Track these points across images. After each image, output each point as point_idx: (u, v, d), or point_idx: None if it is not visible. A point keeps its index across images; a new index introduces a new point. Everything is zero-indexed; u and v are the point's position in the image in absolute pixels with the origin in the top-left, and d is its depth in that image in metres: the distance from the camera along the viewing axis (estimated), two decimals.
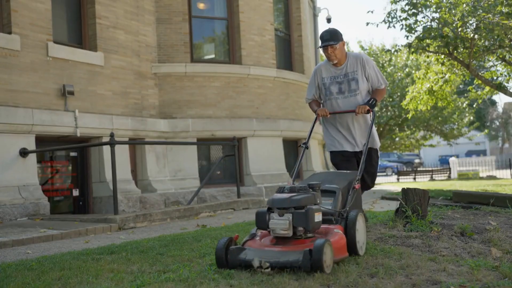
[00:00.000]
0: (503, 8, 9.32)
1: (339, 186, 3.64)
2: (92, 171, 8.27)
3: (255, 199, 8.48)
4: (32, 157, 7.23)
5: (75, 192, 8.19)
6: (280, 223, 3.02)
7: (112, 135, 6.39)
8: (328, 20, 16.20)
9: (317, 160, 11.83)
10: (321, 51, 4.35)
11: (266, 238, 3.20)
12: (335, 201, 3.52)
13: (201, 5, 10.28)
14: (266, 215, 3.12)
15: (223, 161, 9.44)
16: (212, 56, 10.57)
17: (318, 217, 3.08)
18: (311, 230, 3.06)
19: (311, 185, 3.27)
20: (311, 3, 14.44)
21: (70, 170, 8.26)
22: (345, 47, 4.43)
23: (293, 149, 11.41)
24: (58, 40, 7.86)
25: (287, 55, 11.61)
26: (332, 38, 4.27)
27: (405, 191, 4.52)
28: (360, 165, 4.00)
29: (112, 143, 6.31)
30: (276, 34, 11.02)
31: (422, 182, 18.47)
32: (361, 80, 4.36)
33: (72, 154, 8.26)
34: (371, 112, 4.22)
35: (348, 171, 4.07)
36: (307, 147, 4.19)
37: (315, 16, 14.78)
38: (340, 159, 4.54)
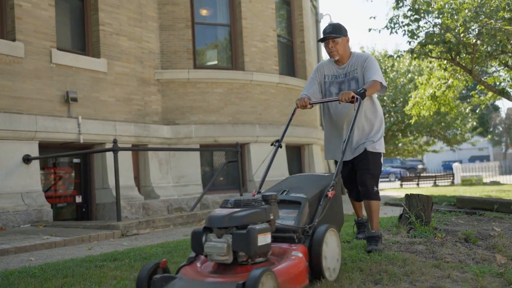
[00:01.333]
0: (505, 13, 9.32)
1: (307, 195, 3.05)
2: (95, 177, 8.27)
3: None
4: (35, 164, 7.24)
5: (78, 199, 8.19)
6: (217, 247, 2.46)
7: (115, 142, 6.39)
8: None
9: (320, 166, 11.82)
10: (323, 46, 3.93)
11: (208, 263, 2.65)
12: (300, 214, 2.94)
13: (204, 12, 10.31)
14: (202, 236, 2.55)
15: (226, 167, 9.44)
16: (215, 62, 10.60)
17: (264, 239, 2.51)
18: (254, 256, 2.50)
19: (265, 197, 2.70)
20: (314, 9, 14.47)
21: (73, 177, 8.26)
22: (349, 44, 4.01)
23: (296, 155, 11.40)
24: (61, 47, 7.89)
25: (290, 61, 11.62)
26: (334, 31, 3.84)
27: (408, 197, 4.51)
28: (337, 166, 3.34)
29: (115, 150, 6.32)
30: (278, 40, 11.04)
31: (425, 188, 18.41)
32: (362, 80, 3.83)
33: (75, 160, 8.27)
34: (357, 102, 3.52)
35: (326, 174, 3.43)
36: (280, 146, 3.71)
37: (317, 22, 14.81)
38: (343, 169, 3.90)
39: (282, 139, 3.73)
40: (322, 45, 4.03)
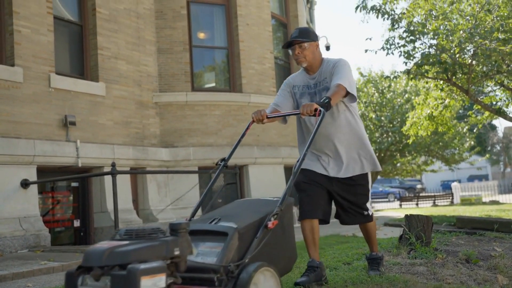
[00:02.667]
0: (500, 34, 9.44)
1: (238, 224, 2.42)
2: (94, 201, 8.24)
3: None
4: (33, 188, 7.21)
5: (76, 223, 8.14)
6: None
7: (113, 165, 6.39)
8: (327, 48, 16.38)
9: None
10: (290, 53, 3.51)
11: None
12: (225, 249, 2.32)
13: (201, 35, 10.42)
14: (76, 279, 1.96)
15: (225, 189, 9.41)
16: (213, 84, 10.67)
17: (152, 282, 1.88)
18: None
19: (173, 226, 2.15)
20: None
21: (71, 201, 8.23)
22: (319, 50, 3.56)
23: None
24: (60, 71, 7.94)
25: None
26: (301, 35, 3.43)
27: (408, 217, 4.50)
28: (284, 190, 2.69)
29: (113, 173, 6.31)
30: (275, 62, 11.14)
31: (425, 208, 18.35)
32: None
33: (73, 184, 8.25)
34: (319, 116, 3.00)
35: (275, 199, 2.81)
36: (225, 166, 3.22)
37: None
38: (306, 179, 3.40)
39: (229, 159, 3.25)
40: None
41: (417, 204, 21.78)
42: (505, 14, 9.49)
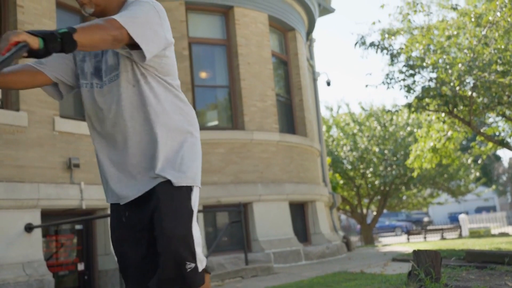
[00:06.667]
0: (498, 66, 9.54)
1: None
2: (98, 243, 8.17)
3: (264, 265, 8.30)
4: (37, 232, 7.17)
5: (80, 266, 8.04)
6: None
7: None
8: (328, 83, 16.57)
9: (324, 223, 11.68)
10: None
11: None
12: None
13: (203, 75, 10.57)
14: None
15: (230, 228, 9.33)
16: (216, 122, 10.74)
17: None
18: None
19: None
20: (311, 68, 14.83)
21: (75, 243, 8.16)
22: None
23: (300, 212, 11.29)
24: (64, 114, 8.03)
25: (289, 119, 11.77)
26: None
27: (416, 253, 4.43)
28: None
29: None
30: (277, 99, 11.24)
31: (433, 242, 18.09)
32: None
33: (78, 227, 8.20)
34: (21, 51, 1.72)
35: None
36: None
37: (314, 80, 15.13)
38: (118, 235, 2.17)
39: None
40: (321, 102, 3.13)
41: (425, 238, 21.48)
42: (502, 47, 9.62)
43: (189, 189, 2.07)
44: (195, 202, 2.09)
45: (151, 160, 2.08)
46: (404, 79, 10.65)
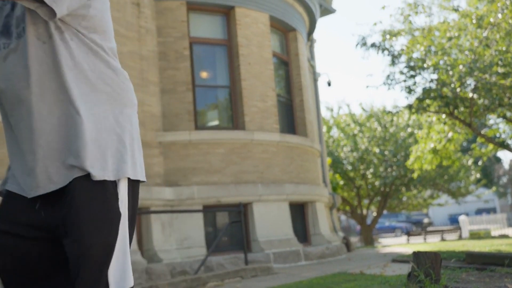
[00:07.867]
0: (499, 68, 9.54)
1: None
2: None
3: (263, 266, 8.29)
4: None
5: None
6: None
7: None
8: (329, 84, 16.57)
9: (324, 223, 11.67)
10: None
11: None
12: None
13: (204, 74, 10.57)
14: None
15: (230, 228, 9.33)
16: (216, 122, 10.73)
17: None
18: None
19: None
20: (311, 68, 14.83)
21: None
22: None
23: (300, 213, 11.29)
24: None
25: (290, 119, 11.77)
26: None
27: (416, 254, 4.43)
28: None
29: None
30: (278, 99, 11.24)
31: (433, 243, 18.08)
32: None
33: None
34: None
35: None
36: None
37: (315, 80, 15.13)
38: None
39: None
40: (321, 103, 3.55)
41: (424, 239, 21.47)
42: (503, 48, 9.62)
43: (114, 183, 1.62)
44: (124, 198, 1.66)
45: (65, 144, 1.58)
46: (405, 80, 10.65)
